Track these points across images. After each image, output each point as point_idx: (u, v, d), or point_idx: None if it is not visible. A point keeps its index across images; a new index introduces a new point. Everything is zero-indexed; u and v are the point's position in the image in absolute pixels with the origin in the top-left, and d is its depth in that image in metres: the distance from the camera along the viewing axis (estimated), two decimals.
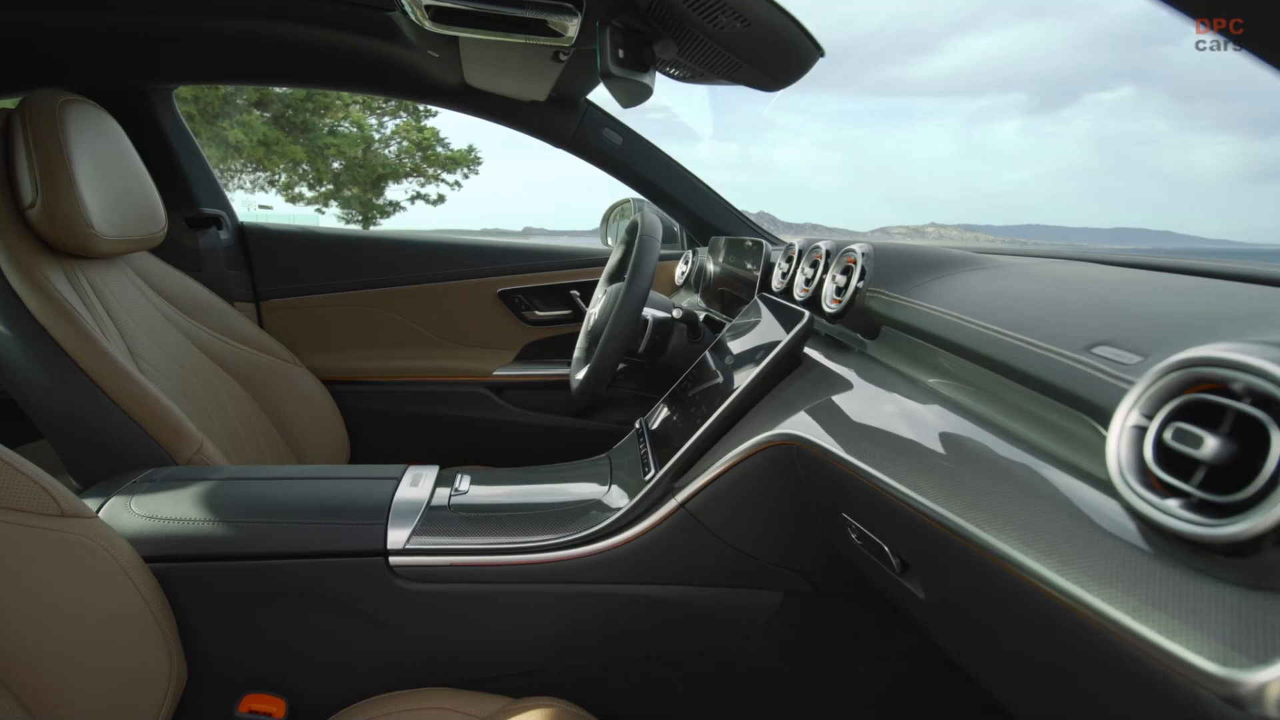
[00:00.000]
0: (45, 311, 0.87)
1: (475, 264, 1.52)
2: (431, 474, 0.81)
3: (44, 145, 0.89)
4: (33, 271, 0.88)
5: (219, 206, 1.44)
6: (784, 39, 0.71)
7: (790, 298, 0.87)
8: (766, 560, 0.72)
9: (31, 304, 0.87)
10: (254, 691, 0.71)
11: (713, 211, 1.48)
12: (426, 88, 1.31)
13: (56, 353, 0.87)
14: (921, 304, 0.59)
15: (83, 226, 0.91)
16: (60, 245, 0.92)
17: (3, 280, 0.87)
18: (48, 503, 0.58)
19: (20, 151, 0.89)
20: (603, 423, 1.49)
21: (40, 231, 0.90)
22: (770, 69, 0.78)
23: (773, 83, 0.82)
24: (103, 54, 1.21)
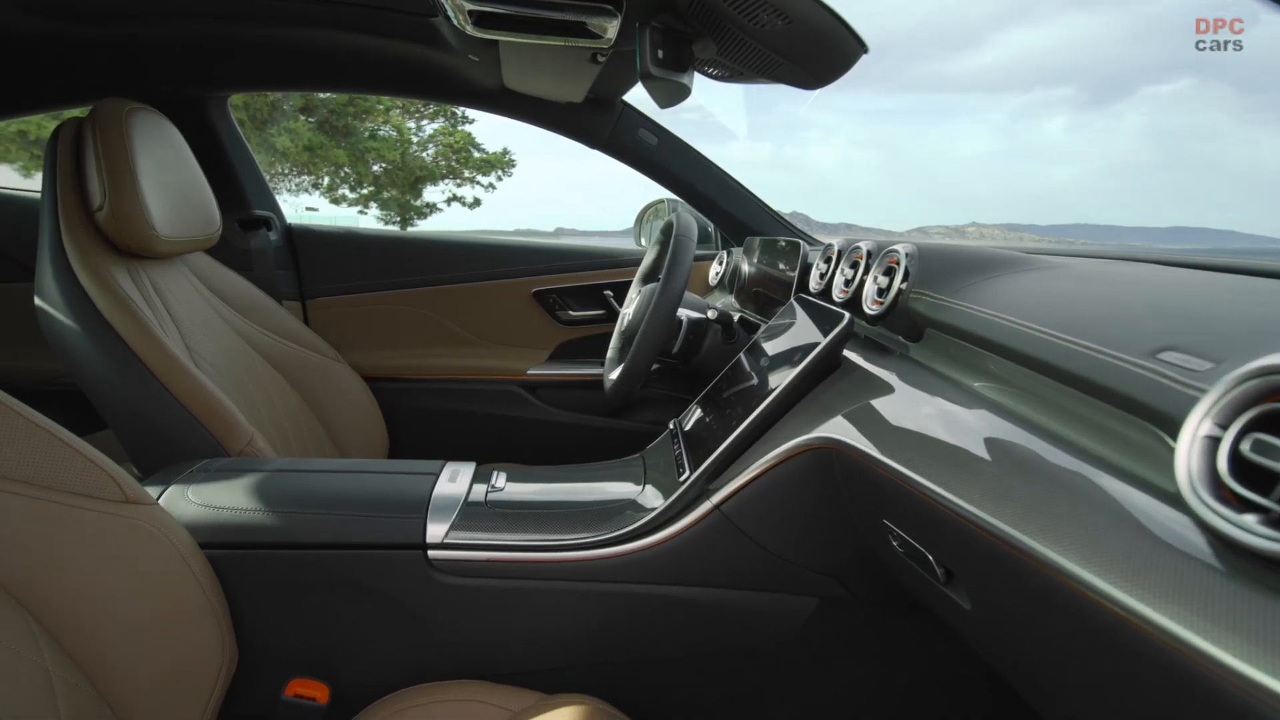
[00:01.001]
0: (111, 308, 0.91)
1: (511, 264, 1.54)
2: (469, 470, 0.82)
3: (111, 152, 0.92)
4: (100, 270, 0.92)
5: (269, 208, 1.49)
6: (826, 35, 0.70)
7: (829, 299, 0.86)
8: (802, 565, 0.70)
9: (99, 301, 0.91)
10: (299, 676, 0.72)
11: (748, 212, 1.46)
12: (466, 91, 1.33)
13: (121, 347, 0.91)
14: (970, 306, 0.57)
15: (145, 228, 0.94)
16: (125, 246, 0.96)
17: (73, 278, 0.92)
18: (113, 489, 0.61)
19: (90, 157, 0.93)
20: (635, 423, 1.49)
21: (107, 233, 0.94)
22: (812, 66, 0.76)
23: (814, 80, 0.81)
24: (165, 64, 1.26)
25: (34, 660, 0.53)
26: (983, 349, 0.55)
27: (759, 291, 1.19)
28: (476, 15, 0.82)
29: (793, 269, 1.03)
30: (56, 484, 0.57)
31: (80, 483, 0.58)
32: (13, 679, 0.51)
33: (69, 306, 0.91)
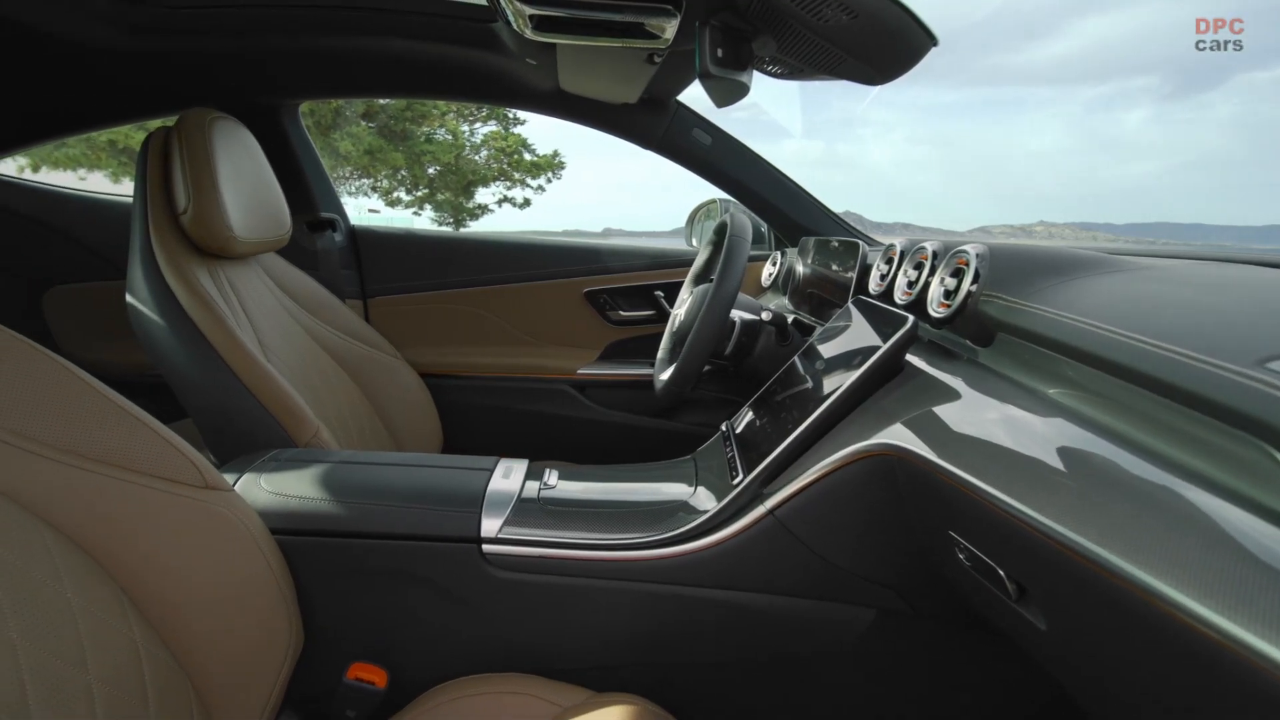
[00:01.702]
0: (193, 305, 0.97)
1: (563, 264, 1.56)
2: (522, 467, 0.84)
3: (195, 158, 0.99)
4: (183, 270, 0.99)
5: (334, 210, 1.55)
6: (893, 29, 0.68)
7: (890, 301, 0.83)
8: (859, 575, 0.69)
9: (182, 298, 0.97)
10: (360, 661, 0.75)
11: (803, 212, 1.44)
12: (523, 94, 1.36)
13: (201, 341, 0.96)
14: (1047, 309, 0.55)
15: (224, 230, 1.00)
16: (206, 246, 1.02)
17: (159, 277, 0.98)
18: (194, 475, 0.64)
19: (176, 164, 0.99)
20: (684, 424, 1.48)
21: (190, 234, 1.01)
22: (877, 61, 0.74)
23: (879, 76, 0.78)
24: (243, 75, 1.33)
25: (124, 631, 0.57)
26: (1061, 354, 0.52)
27: (814, 293, 1.17)
28: (536, 19, 0.83)
29: (851, 270, 1.01)
30: (146, 468, 0.61)
31: (166, 468, 0.62)
32: (105, 647, 0.55)
33: (156, 303, 0.98)
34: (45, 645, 0.51)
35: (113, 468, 0.59)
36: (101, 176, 7.35)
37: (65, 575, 0.55)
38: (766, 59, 0.84)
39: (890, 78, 0.79)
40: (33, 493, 0.55)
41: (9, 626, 0.49)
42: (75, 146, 6.97)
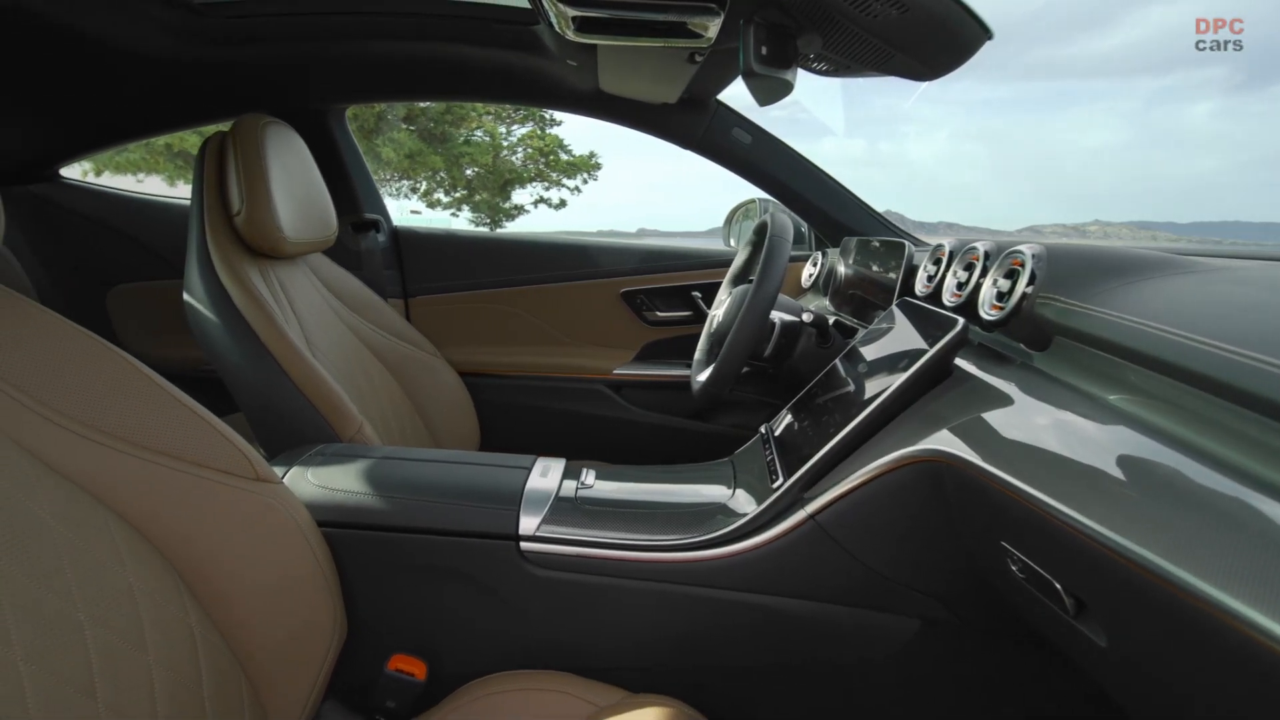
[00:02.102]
0: (245, 303, 1.01)
1: (600, 265, 1.57)
2: (559, 466, 0.84)
3: (249, 162, 1.03)
4: (236, 269, 1.03)
5: (378, 212, 1.60)
6: (946, 23, 0.66)
7: (937, 303, 0.81)
8: (903, 584, 0.67)
9: (235, 297, 1.01)
10: (401, 652, 0.77)
11: (846, 211, 1.42)
12: (563, 95, 1.37)
13: (252, 339, 1.00)
14: (1109, 312, 0.53)
15: (275, 231, 1.04)
16: (257, 247, 1.06)
17: (214, 276, 1.02)
18: (247, 467, 0.67)
19: (231, 168, 1.04)
20: (720, 426, 1.48)
21: (243, 235, 1.05)
22: (928, 56, 0.72)
23: (929, 71, 0.77)
24: (294, 81, 1.38)
25: (180, 616, 0.60)
26: (1125, 359, 0.50)
27: (856, 294, 1.15)
28: (579, 21, 0.84)
29: (895, 271, 0.99)
30: (201, 459, 0.64)
31: (220, 460, 0.65)
32: (164, 630, 0.57)
33: (210, 301, 1.02)
34: (110, 626, 0.54)
35: (171, 458, 0.62)
36: (158, 180, 7.72)
37: (128, 560, 0.58)
38: (812, 56, 0.83)
39: (941, 73, 0.77)
40: (98, 480, 0.58)
41: (76, 607, 0.52)
42: (135, 151, 7.33)
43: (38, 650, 0.48)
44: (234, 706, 0.62)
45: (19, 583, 0.49)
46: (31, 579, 0.50)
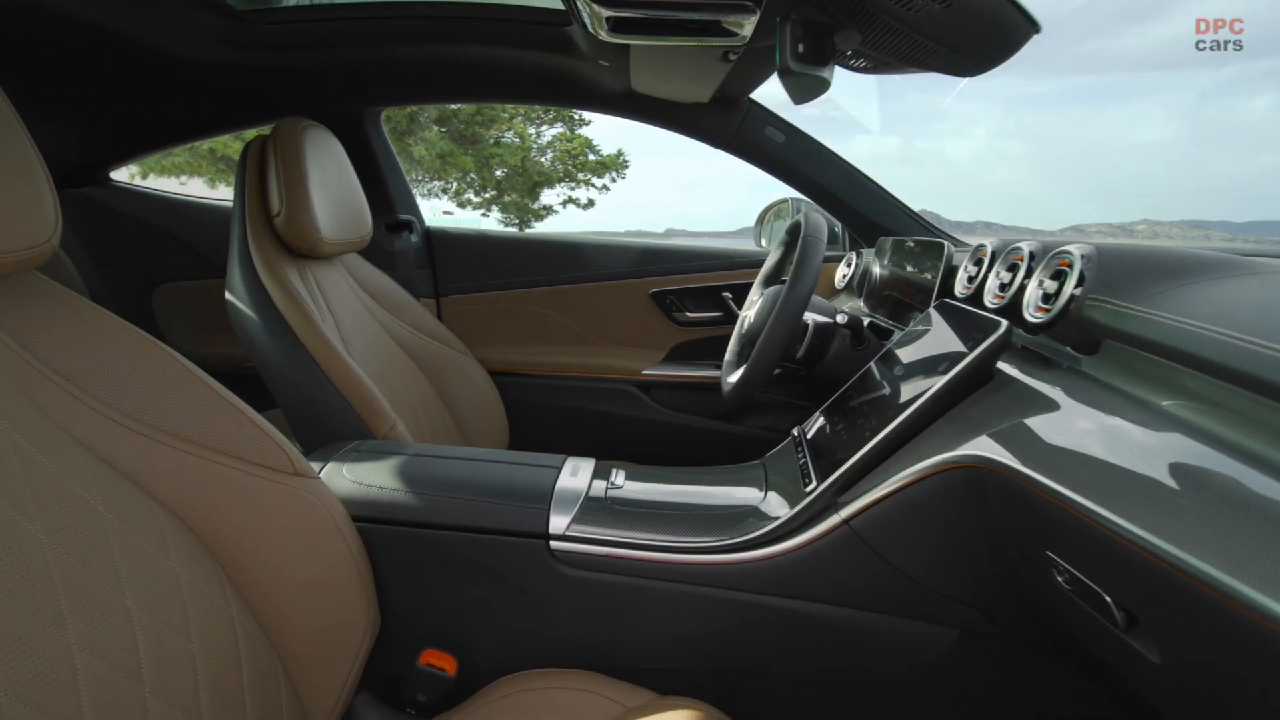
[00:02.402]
0: (284, 302, 1.04)
1: (630, 265, 1.57)
2: (589, 466, 0.85)
3: (289, 165, 1.06)
4: (276, 269, 1.06)
5: (411, 213, 1.63)
6: (991, 17, 0.65)
7: (978, 305, 0.79)
8: (940, 592, 0.66)
9: (274, 296, 1.04)
10: (432, 648, 0.78)
11: (882, 211, 1.39)
12: (594, 96, 1.38)
13: (290, 337, 1.03)
14: (1165, 315, 0.51)
15: (313, 232, 1.07)
16: (296, 247, 1.09)
17: (255, 276, 1.05)
18: (285, 462, 0.69)
19: (271, 170, 1.07)
20: (749, 428, 1.46)
21: (282, 236, 1.08)
22: (971, 52, 0.71)
23: (973, 67, 0.75)
24: (333, 85, 1.42)
25: (222, 606, 0.62)
26: (1180, 364, 0.48)
27: (892, 296, 1.13)
28: (613, 21, 0.85)
29: (934, 272, 0.97)
30: (243, 454, 0.66)
31: (261, 454, 0.67)
32: (206, 619, 0.59)
33: (251, 300, 1.05)
34: (156, 614, 0.56)
35: (214, 452, 0.64)
36: (200, 182, 7.99)
37: (173, 550, 0.60)
38: (849, 53, 0.82)
39: (985, 69, 0.75)
40: (146, 472, 0.61)
41: (125, 595, 0.54)
42: (179, 155, 7.62)
43: (89, 634, 0.50)
44: (272, 695, 0.64)
45: (74, 570, 0.51)
46: (85, 567, 0.52)
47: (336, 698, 0.69)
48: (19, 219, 0.52)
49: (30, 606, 0.48)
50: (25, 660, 0.46)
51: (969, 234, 1.35)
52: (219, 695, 0.58)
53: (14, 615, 0.46)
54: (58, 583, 0.50)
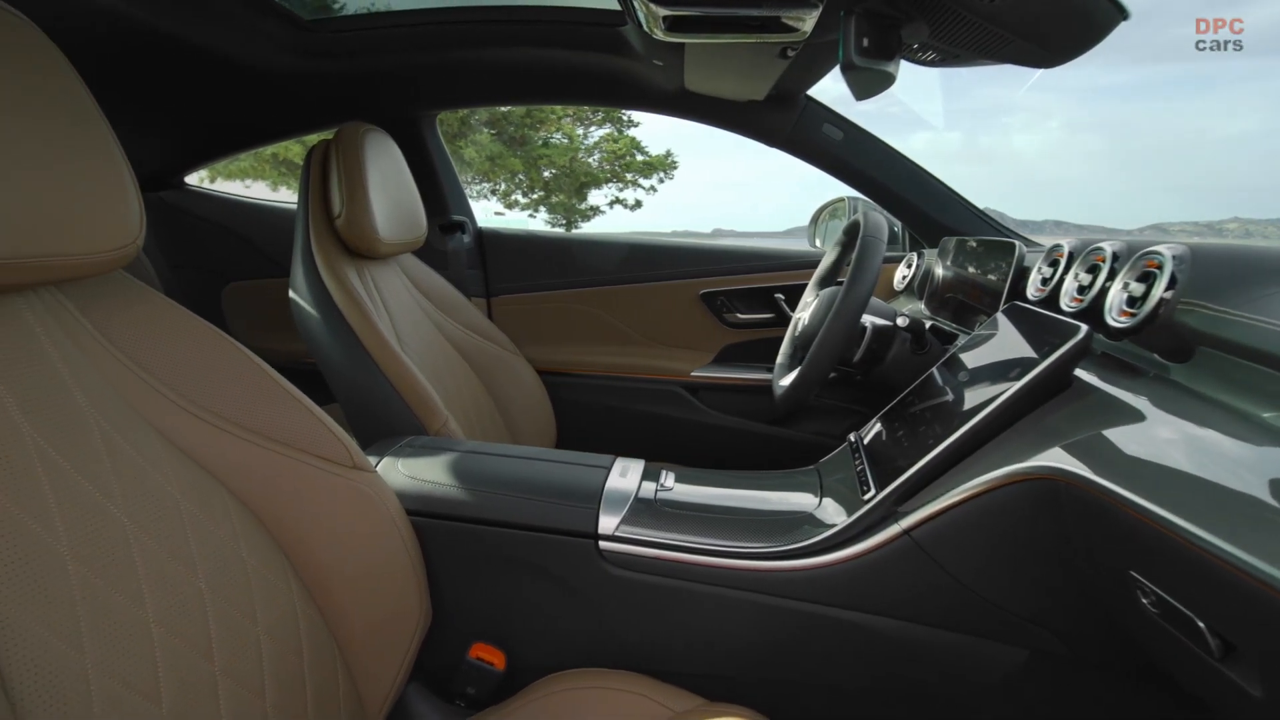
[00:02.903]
0: (344, 301, 1.08)
1: (680, 266, 1.57)
2: (638, 467, 0.85)
3: (350, 168, 1.10)
4: (336, 269, 1.10)
5: (464, 213, 1.67)
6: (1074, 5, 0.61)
7: (1053, 308, 0.76)
8: (1008, 609, 0.63)
9: (335, 295, 1.09)
10: (482, 642, 0.80)
11: (946, 210, 1.35)
12: (647, 95, 1.39)
13: (349, 334, 1.07)
14: (1271, 321, 0.47)
15: (372, 233, 1.11)
16: (355, 248, 1.14)
17: (317, 275, 1.10)
18: (345, 455, 0.71)
19: (333, 174, 1.11)
20: (800, 432, 1.44)
21: (343, 237, 1.12)
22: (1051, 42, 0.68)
23: (1051, 58, 0.71)
24: (392, 90, 1.47)
25: (285, 592, 0.65)
26: None
27: (955, 298, 1.09)
28: (670, 20, 0.85)
29: (1003, 273, 0.93)
30: (306, 446, 0.69)
31: (322, 447, 0.70)
32: (271, 603, 0.62)
33: (313, 298, 1.10)
34: (226, 597, 0.59)
35: (279, 444, 0.67)
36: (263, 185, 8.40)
37: (241, 537, 0.63)
38: (916, 46, 0.79)
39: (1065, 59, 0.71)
40: (217, 461, 0.64)
41: (199, 578, 0.58)
42: (244, 159, 8.03)
43: (167, 614, 0.53)
44: (329, 680, 0.66)
45: (154, 552, 0.55)
46: (163, 550, 0.56)
47: (390, 686, 0.71)
48: (109, 222, 0.56)
49: (116, 586, 0.51)
50: (110, 636, 0.49)
51: (1036, 233, 1.29)
52: (282, 677, 0.61)
53: (101, 593, 0.50)
54: (139, 564, 0.53)
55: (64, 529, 0.50)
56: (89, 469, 0.53)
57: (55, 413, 0.53)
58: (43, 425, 0.51)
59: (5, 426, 0.49)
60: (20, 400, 0.51)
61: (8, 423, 0.49)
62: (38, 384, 0.52)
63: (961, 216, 1.34)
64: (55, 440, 0.52)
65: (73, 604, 0.48)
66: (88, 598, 0.49)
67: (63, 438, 0.52)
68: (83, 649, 0.47)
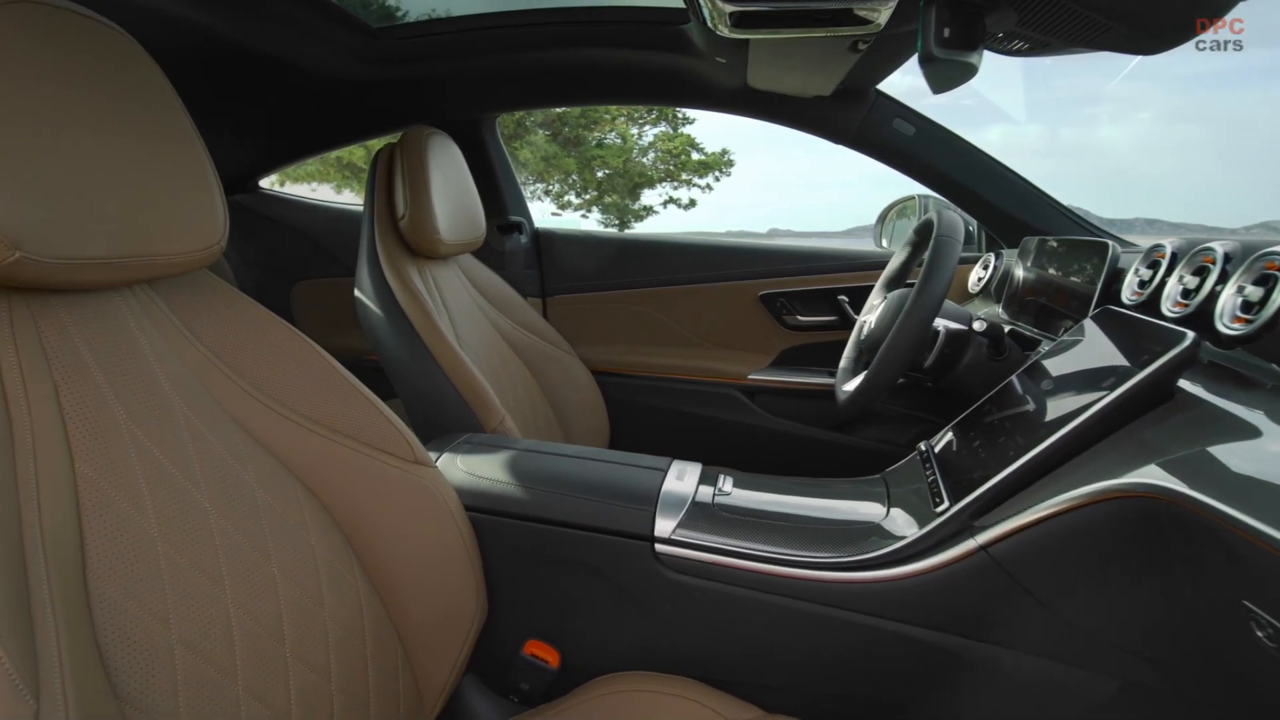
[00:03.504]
0: (406, 300, 1.12)
1: (738, 266, 1.55)
2: (695, 470, 0.85)
3: (414, 171, 1.14)
4: (399, 269, 1.15)
5: (521, 214, 1.70)
6: None
7: (1153, 313, 0.71)
8: (1097, 635, 0.59)
9: (397, 293, 1.13)
10: (536, 639, 0.81)
11: (1028, 208, 1.28)
12: (708, 94, 1.38)
13: (411, 332, 1.11)
14: None
15: (434, 234, 1.15)
16: (417, 248, 1.18)
17: (381, 275, 1.15)
18: (407, 450, 0.74)
19: (398, 176, 1.16)
20: (862, 439, 1.40)
21: (406, 237, 1.17)
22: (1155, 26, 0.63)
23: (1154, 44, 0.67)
24: (455, 94, 1.51)
25: (350, 580, 0.68)
26: None
27: (1037, 301, 1.04)
28: (736, 16, 0.84)
29: (1093, 275, 0.88)
30: (372, 441, 0.72)
31: (387, 442, 0.72)
32: (338, 591, 0.65)
33: (377, 297, 1.14)
34: (297, 582, 0.62)
35: (347, 437, 0.70)
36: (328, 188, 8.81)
37: (310, 525, 0.66)
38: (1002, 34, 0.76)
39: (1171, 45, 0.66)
40: (289, 451, 0.67)
41: (272, 562, 0.61)
42: (311, 164, 8.45)
43: (243, 596, 0.56)
44: (390, 668, 0.69)
45: (232, 537, 0.58)
46: (241, 535, 0.59)
47: (446, 677, 0.73)
48: (197, 224, 0.60)
49: (199, 567, 0.54)
50: (193, 615, 0.52)
51: (1126, 232, 1.22)
52: (346, 663, 0.63)
53: (186, 574, 0.53)
54: (219, 548, 0.57)
55: (154, 511, 0.53)
56: (175, 455, 0.57)
57: (147, 402, 0.57)
58: (136, 413, 0.55)
59: (103, 414, 0.53)
60: (117, 390, 0.55)
61: (105, 411, 0.53)
62: (132, 375, 0.57)
63: (1045, 215, 1.27)
64: (147, 427, 0.56)
65: (161, 582, 0.51)
66: (174, 577, 0.52)
67: (153, 425, 0.56)
68: (169, 625, 0.50)
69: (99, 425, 0.52)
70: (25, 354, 0.50)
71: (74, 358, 0.53)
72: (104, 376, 0.54)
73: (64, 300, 0.54)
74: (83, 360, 0.53)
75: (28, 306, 0.52)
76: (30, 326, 0.51)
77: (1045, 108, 24.99)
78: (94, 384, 0.53)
